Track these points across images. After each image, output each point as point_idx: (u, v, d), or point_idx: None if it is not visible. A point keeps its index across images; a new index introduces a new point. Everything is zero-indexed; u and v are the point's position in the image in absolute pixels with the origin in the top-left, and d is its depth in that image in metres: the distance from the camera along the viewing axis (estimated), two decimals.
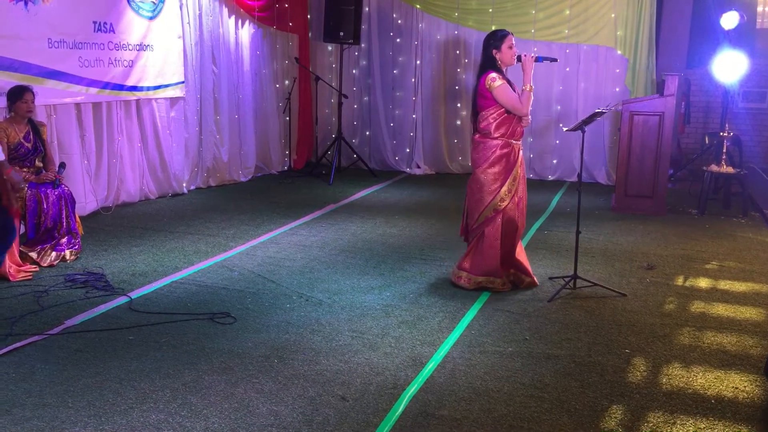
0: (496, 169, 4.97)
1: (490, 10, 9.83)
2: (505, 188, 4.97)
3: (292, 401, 3.45)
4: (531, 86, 4.92)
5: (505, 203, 4.98)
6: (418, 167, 10.45)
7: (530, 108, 4.97)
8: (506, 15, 9.78)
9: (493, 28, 8.45)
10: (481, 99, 4.98)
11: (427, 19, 10.20)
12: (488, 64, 4.97)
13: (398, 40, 10.35)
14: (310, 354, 3.99)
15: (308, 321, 4.48)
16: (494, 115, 4.94)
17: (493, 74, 4.91)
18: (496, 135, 4.96)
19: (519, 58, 4.96)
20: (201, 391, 3.52)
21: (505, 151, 4.96)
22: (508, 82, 4.97)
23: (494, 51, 4.95)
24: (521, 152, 5.09)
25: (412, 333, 4.33)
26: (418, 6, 10.16)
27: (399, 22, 10.32)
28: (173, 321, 4.43)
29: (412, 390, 3.58)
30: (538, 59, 5.01)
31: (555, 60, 5.30)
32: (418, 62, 10.31)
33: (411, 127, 10.46)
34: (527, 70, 4.94)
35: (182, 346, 4.07)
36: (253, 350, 4.02)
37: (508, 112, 4.92)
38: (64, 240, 5.65)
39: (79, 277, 5.21)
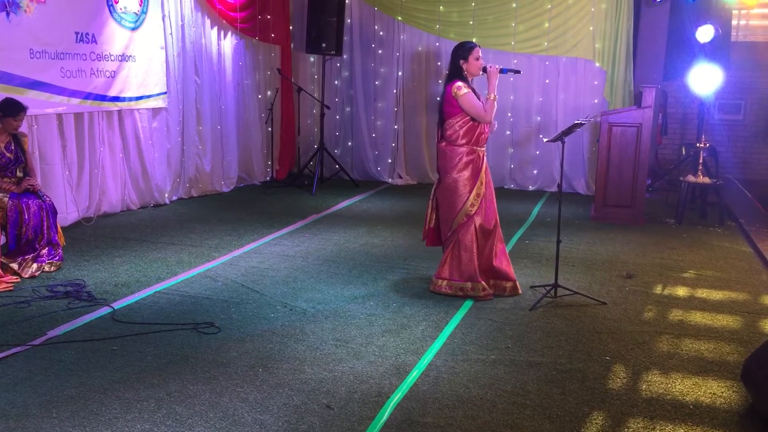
0: (463, 174, 5.12)
1: (471, 23, 9.95)
2: (473, 193, 5.12)
3: (277, 410, 3.47)
4: (495, 96, 5.12)
5: (475, 208, 5.13)
6: (400, 177, 10.52)
7: (494, 115, 5.15)
8: (487, 27, 9.91)
9: (474, 40, 8.56)
10: (447, 107, 5.15)
11: (408, 31, 10.30)
12: (455, 73, 5.15)
13: (380, 51, 10.43)
14: (294, 363, 4.01)
15: (292, 330, 4.50)
16: (460, 122, 5.11)
17: (459, 83, 5.08)
18: (461, 142, 5.13)
19: (485, 69, 5.14)
20: (186, 401, 3.53)
21: (471, 157, 5.13)
22: (474, 91, 5.13)
23: (461, 61, 5.13)
24: (485, 158, 5.25)
25: (396, 341, 4.36)
26: (399, 18, 10.26)
27: (381, 33, 10.40)
28: (157, 331, 4.43)
29: (396, 398, 3.62)
30: (502, 71, 5.22)
31: (518, 72, 5.61)
32: (399, 73, 10.39)
33: (393, 138, 10.53)
34: (492, 81, 5.13)
35: (166, 356, 4.07)
36: (238, 360, 4.04)
37: (473, 120, 5.10)
38: (45, 251, 5.62)
39: (61, 287, 5.19)
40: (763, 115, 9.94)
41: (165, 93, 8.22)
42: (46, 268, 5.58)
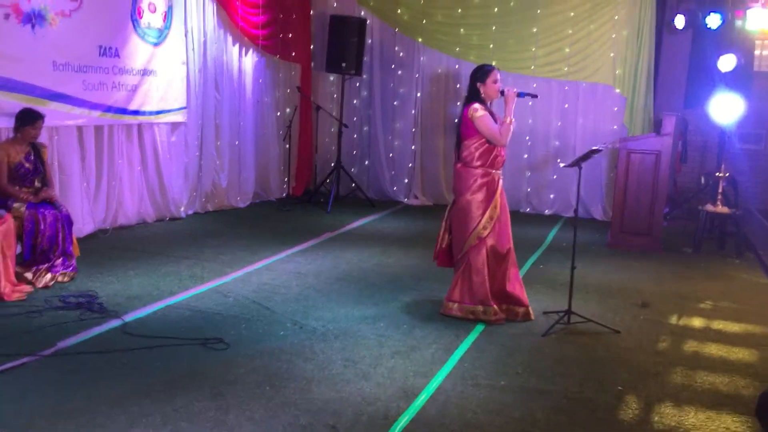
0: (477, 197, 5.10)
1: (491, 46, 9.96)
2: (486, 216, 5.09)
3: (283, 429, 3.44)
4: (511, 119, 5.10)
5: (488, 231, 5.09)
6: (416, 198, 10.50)
7: (509, 138, 5.12)
8: (507, 51, 9.91)
9: (494, 63, 8.57)
10: (464, 128, 5.17)
11: (428, 53, 10.33)
12: (473, 96, 5.17)
13: (399, 72, 10.47)
14: (302, 382, 3.98)
15: (301, 349, 4.48)
16: (476, 144, 5.11)
17: (476, 105, 5.09)
18: (476, 164, 5.12)
19: (502, 92, 5.13)
20: (192, 417, 3.51)
21: (485, 180, 5.11)
22: (491, 114, 5.12)
23: (479, 84, 5.14)
24: (501, 181, 5.22)
25: (405, 364, 4.33)
26: (420, 39, 10.30)
27: (401, 54, 10.45)
28: (166, 345, 4.43)
29: (403, 421, 3.58)
30: (519, 94, 5.20)
31: (535, 96, 5.58)
32: (418, 94, 10.42)
33: (410, 158, 10.53)
34: (509, 104, 5.11)
35: (175, 370, 4.06)
36: (246, 377, 4.02)
37: (489, 142, 5.08)
38: (59, 261, 5.65)
39: (74, 298, 5.21)
40: None
41: (185, 108, 8.29)
42: (60, 279, 5.61)
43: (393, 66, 10.48)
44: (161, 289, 5.58)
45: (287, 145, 10.13)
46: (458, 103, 10.23)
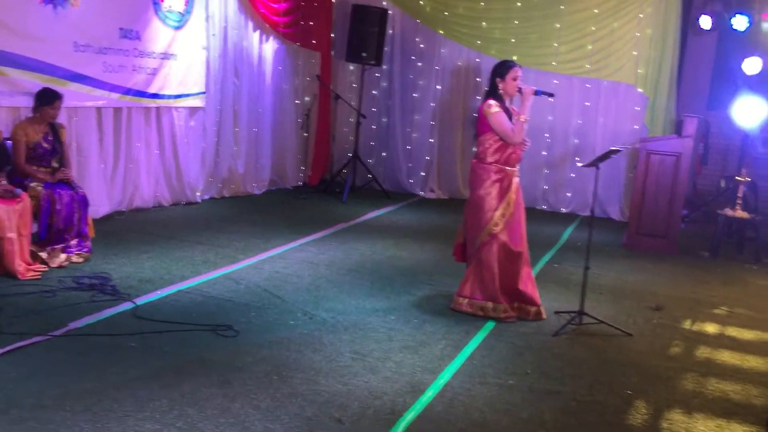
0: (490, 192, 5.08)
1: (513, 40, 9.87)
2: (498, 213, 5.05)
3: (289, 420, 3.44)
4: (526, 118, 5.07)
5: (499, 228, 5.05)
6: (432, 191, 10.46)
7: (522, 137, 5.08)
8: (529, 46, 9.82)
9: (515, 58, 8.49)
10: (479, 124, 5.19)
11: (449, 45, 10.26)
12: (491, 91, 5.16)
13: (420, 64, 10.41)
14: (310, 373, 3.98)
15: (310, 339, 4.48)
16: (490, 141, 5.10)
17: (491, 101, 5.08)
18: (490, 160, 5.11)
19: (520, 90, 5.09)
20: (198, 404, 3.52)
21: (499, 176, 5.09)
22: (507, 111, 5.08)
23: (498, 80, 5.12)
24: (516, 179, 5.18)
25: (414, 359, 4.31)
26: (441, 31, 10.23)
27: (422, 46, 10.38)
28: (176, 330, 4.44)
29: (409, 417, 3.56)
30: (537, 93, 5.17)
31: (552, 95, 5.50)
32: (438, 87, 10.36)
33: (427, 151, 10.48)
34: (525, 102, 5.10)
35: (183, 356, 4.07)
36: (253, 365, 4.02)
37: (503, 139, 5.01)
38: (74, 242, 5.68)
39: (87, 279, 5.24)
40: None
41: (204, 93, 8.30)
42: (74, 259, 5.64)
43: (413, 57, 10.42)
44: (174, 274, 5.60)
45: (305, 134, 10.12)
46: (477, 97, 10.17)
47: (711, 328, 5.38)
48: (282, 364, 4.07)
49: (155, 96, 7.66)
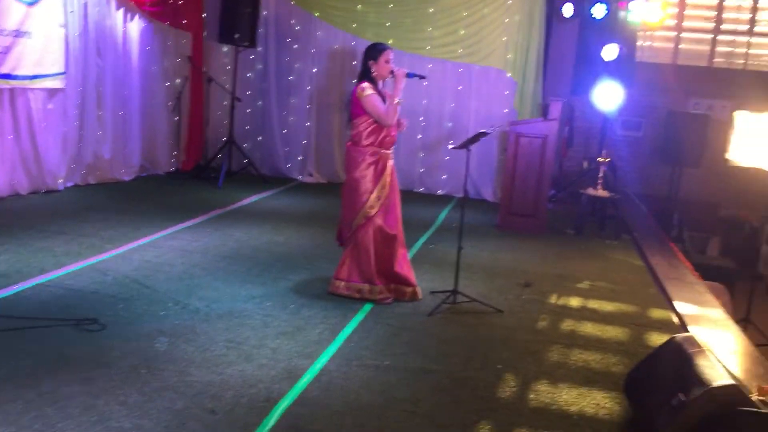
0: (365, 175, 5.09)
1: (388, 24, 9.93)
2: (374, 195, 5.09)
3: (158, 414, 3.30)
4: (399, 100, 5.10)
5: (375, 210, 5.09)
6: (310, 175, 10.38)
7: (396, 119, 5.12)
8: (404, 30, 9.91)
9: (390, 42, 8.54)
10: (353, 107, 5.17)
11: (325, 28, 10.17)
12: (364, 74, 5.15)
13: (295, 46, 10.27)
14: (181, 365, 3.85)
15: (183, 330, 4.33)
16: (364, 123, 5.11)
17: (365, 84, 5.08)
18: (365, 143, 5.12)
19: (392, 72, 5.12)
20: (58, 403, 3.31)
21: (374, 159, 5.12)
22: (380, 93, 5.10)
23: (371, 62, 5.12)
24: (391, 162, 5.22)
25: (290, 344, 4.26)
26: (316, 14, 10.13)
27: (297, 28, 10.24)
28: (35, 327, 4.15)
29: (284, 403, 3.52)
30: (409, 75, 5.20)
31: (424, 77, 5.52)
32: (314, 70, 10.26)
33: (304, 135, 10.38)
34: (398, 84, 5.12)
35: (43, 354, 3.82)
36: (120, 360, 3.83)
37: (377, 121, 5.04)
38: None
39: None
40: (661, 133, 10.37)
41: (63, 73, 7.79)
42: None
43: (289, 40, 10.26)
44: (32, 266, 5.24)
45: (177, 118, 9.75)
46: (354, 81, 10.16)
47: (575, 301, 5.67)
48: (151, 357, 3.91)
49: (8, 77, 7.10)
